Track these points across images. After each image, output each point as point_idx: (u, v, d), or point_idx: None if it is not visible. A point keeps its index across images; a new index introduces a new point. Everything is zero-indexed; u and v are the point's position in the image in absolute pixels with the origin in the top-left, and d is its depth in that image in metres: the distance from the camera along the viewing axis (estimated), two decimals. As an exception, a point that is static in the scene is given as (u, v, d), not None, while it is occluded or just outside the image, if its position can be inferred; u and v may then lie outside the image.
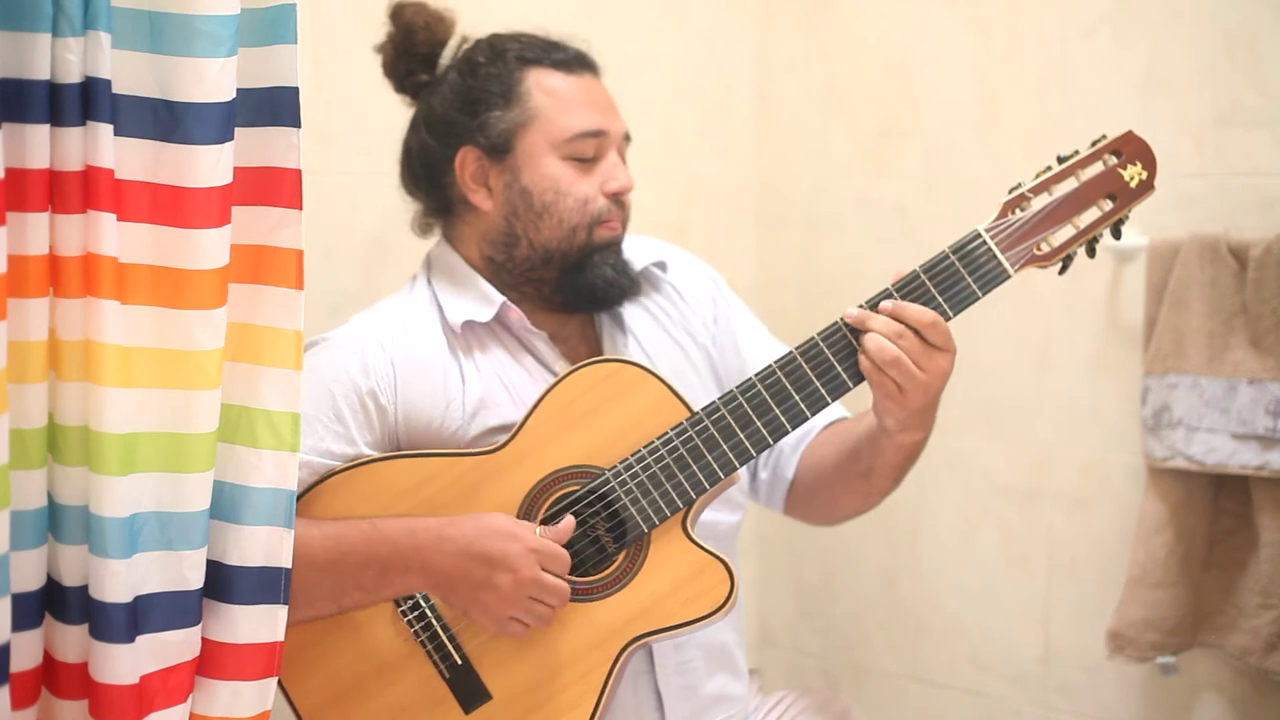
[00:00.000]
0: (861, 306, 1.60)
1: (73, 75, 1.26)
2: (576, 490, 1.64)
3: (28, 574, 1.32)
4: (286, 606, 1.43)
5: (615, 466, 1.63)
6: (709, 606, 1.61)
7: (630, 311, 1.83)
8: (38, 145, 1.25)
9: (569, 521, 1.61)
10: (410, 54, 1.82)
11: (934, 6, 2.37)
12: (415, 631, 1.63)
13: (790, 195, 2.57)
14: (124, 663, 1.34)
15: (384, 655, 1.64)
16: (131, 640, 1.34)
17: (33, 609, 1.34)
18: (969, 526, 2.36)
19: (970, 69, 2.32)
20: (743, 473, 1.80)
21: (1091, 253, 1.63)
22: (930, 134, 2.38)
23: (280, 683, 1.64)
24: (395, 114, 2.19)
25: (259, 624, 1.42)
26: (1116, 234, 1.64)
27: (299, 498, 1.64)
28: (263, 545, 1.41)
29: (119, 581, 1.32)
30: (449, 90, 1.78)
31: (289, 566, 1.43)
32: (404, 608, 1.63)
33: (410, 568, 1.60)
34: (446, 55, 1.81)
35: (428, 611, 1.63)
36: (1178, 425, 2.02)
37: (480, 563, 1.58)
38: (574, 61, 1.79)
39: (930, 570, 2.41)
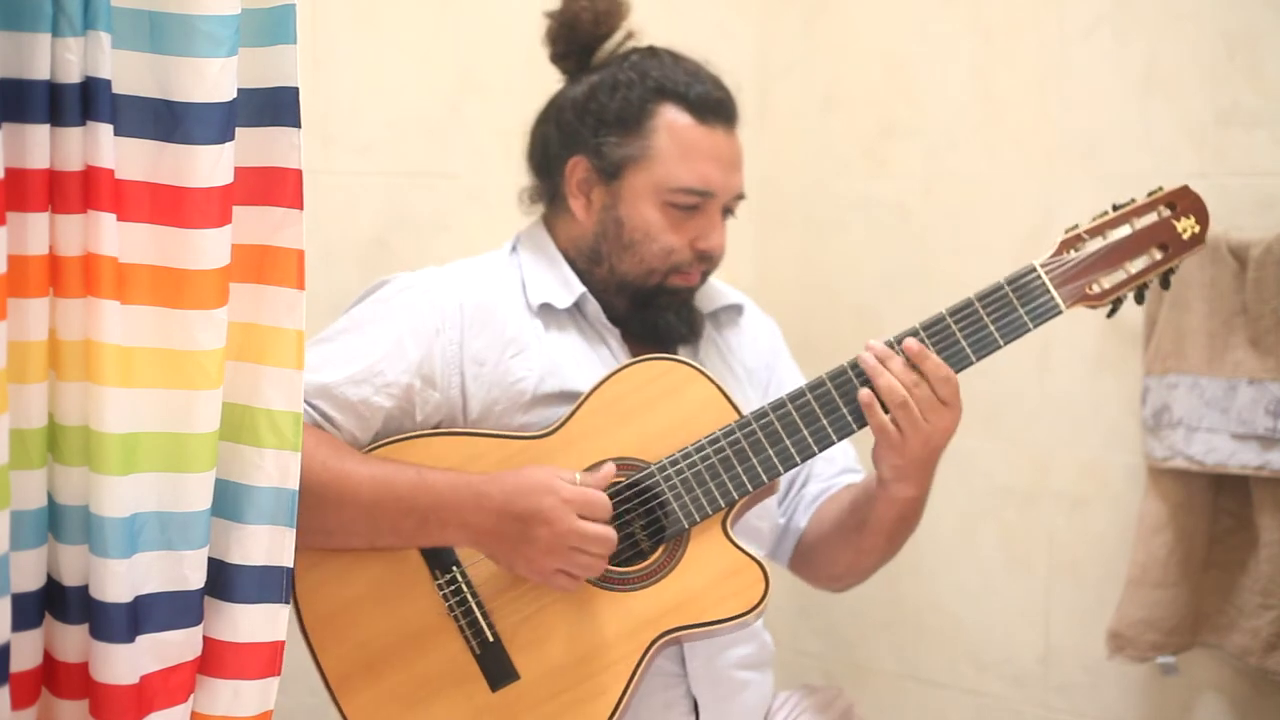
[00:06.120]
0: (889, 343, 1.64)
1: (73, 75, 1.26)
2: (622, 481, 1.66)
3: (28, 574, 1.32)
4: (288, 605, 1.43)
5: (661, 461, 1.66)
6: (742, 606, 1.64)
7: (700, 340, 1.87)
8: (38, 145, 1.25)
9: (609, 468, 1.64)
10: (570, 40, 1.84)
11: (934, 6, 2.37)
12: (450, 606, 1.65)
13: (790, 195, 2.57)
14: (124, 663, 1.34)
15: (416, 626, 1.65)
16: (132, 640, 1.34)
17: (33, 609, 1.34)
18: (969, 526, 2.36)
19: (970, 69, 2.32)
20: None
21: (1140, 298, 1.67)
22: (930, 134, 2.38)
23: (311, 647, 1.66)
24: (395, 114, 2.19)
25: (260, 623, 1.42)
26: (1165, 283, 1.67)
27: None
28: (264, 544, 1.41)
29: (119, 581, 1.32)
30: (584, 96, 1.80)
31: (291, 565, 1.43)
32: (440, 581, 1.65)
33: (448, 523, 1.63)
34: (607, 48, 1.83)
35: (464, 586, 1.65)
36: (1178, 425, 2.02)
37: (515, 520, 1.60)
38: (712, 108, 1.79)
39: (930, 570, 2.41)
